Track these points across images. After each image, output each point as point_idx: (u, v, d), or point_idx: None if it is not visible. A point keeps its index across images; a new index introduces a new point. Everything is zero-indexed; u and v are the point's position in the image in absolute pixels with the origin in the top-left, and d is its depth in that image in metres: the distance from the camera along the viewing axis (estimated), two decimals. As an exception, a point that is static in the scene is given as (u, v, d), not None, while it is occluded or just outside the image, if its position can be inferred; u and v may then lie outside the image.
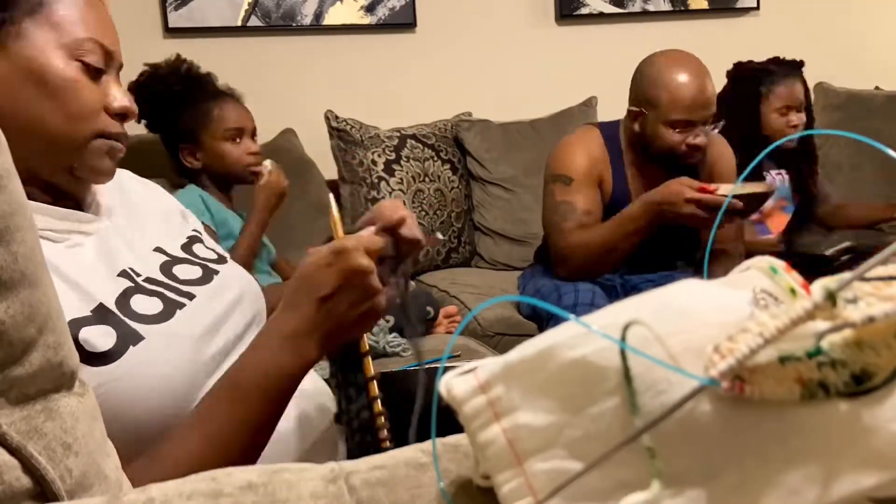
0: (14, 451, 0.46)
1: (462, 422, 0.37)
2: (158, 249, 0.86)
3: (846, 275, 0.33)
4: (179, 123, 1.77)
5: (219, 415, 0.69)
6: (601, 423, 0.33)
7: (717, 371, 0.31)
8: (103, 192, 0.85)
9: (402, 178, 2.40)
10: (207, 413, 0.69)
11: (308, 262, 0.72)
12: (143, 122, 1.83)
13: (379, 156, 2.40)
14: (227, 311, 0.82)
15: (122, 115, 0.80)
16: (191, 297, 0.80)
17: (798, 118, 2.22)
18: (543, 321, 1.88)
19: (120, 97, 0.79)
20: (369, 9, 2.63)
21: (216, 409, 0.69)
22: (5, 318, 0.45)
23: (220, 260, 0.91)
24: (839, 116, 2.83)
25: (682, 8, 2.93)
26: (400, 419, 0.72)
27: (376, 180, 2.38)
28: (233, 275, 0.90)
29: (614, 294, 1.86)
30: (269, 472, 0.41)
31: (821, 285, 0.33)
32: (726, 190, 1.66)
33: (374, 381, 0.78)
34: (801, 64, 2.28)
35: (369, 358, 0.78)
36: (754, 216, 2.15)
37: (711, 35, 2.99)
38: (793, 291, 0.37)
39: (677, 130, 1.77)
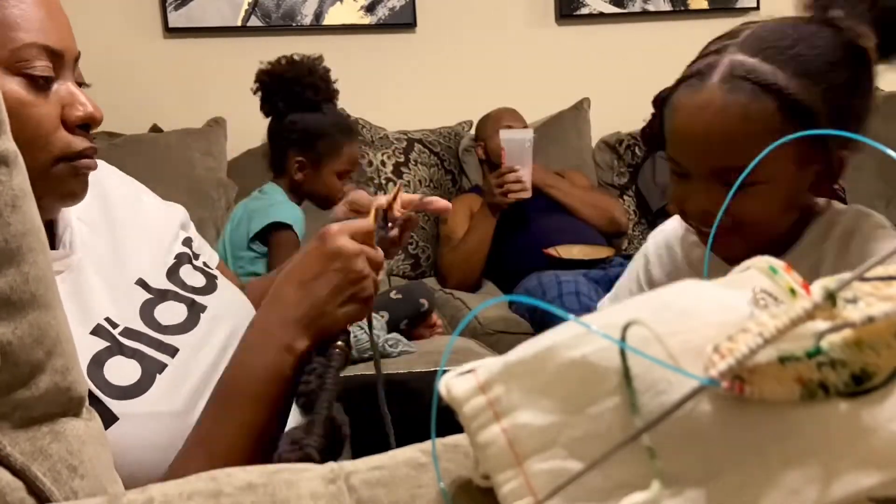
0: (18, 473, 0.45)
1: (462, 422, 0.37)
2: (140, 282, 0.76)
3: (846, 275, 0.33)
4: (312, 140, 1.85)
5: (217, 429, 0.66)
6: (601, 423, 0.33)
7: (716, 371, 0.31)
8: (81, 209, 0.76)
9: (409, 181, 2.43)
10: (206, 429, 0.66)
11: (295, 255, 0.72)
12: (263, 102, 1.85)
13: (388, 157, 2.41)
14: (217, 360, 0.74)
15: (85, 126, 0.68)
16: (173, 352, 0.71)
17: None
18: (535, 324, 1.88)
19: (81, 104, 0.67)
20: (369, 9, 2.63)
21: (214, 424, 0.67)
22: (13, 338, 0.44)
23: (210, 286, 0.82)
24: (839, 116, 2.83)
25: (682, 8, 2.93)
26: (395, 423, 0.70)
27: (384, 181, 2.40)
28: (224, 306, 0.81)
29: (594, 282, 1.91)
30: (268, 473, 0.41)
31: (821, 285, 0.33)
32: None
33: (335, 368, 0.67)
34: None
35: (348, 339, 0.70)
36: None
37: (711, 35, 2.94)
38: (792, 291, 0.37)
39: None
